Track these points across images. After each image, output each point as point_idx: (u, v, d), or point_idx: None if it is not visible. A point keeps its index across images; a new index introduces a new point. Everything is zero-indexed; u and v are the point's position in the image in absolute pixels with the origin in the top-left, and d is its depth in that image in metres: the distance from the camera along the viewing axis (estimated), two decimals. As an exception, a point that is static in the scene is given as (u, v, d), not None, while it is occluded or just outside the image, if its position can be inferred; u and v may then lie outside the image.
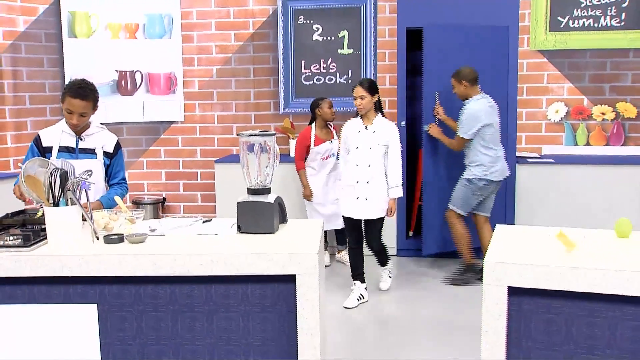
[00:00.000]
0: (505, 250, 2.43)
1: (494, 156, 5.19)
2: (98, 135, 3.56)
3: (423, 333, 4.40)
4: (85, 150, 3.50)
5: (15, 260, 2.42)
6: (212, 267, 2.39)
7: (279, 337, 2.47)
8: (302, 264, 2.37)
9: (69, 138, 3.49)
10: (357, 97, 4.78)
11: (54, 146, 3.47)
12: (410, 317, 4.69)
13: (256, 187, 2.71)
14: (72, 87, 3.38)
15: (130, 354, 2.52)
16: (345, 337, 4.34)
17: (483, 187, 5.20)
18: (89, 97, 3.40)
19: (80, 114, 3.38)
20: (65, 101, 3.37)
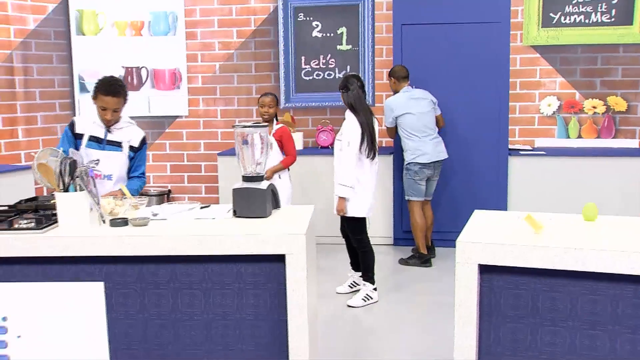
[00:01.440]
0: (477, 231, 2.63)
1: (419, 142, 5.63)
2: (126, 129, 3.79)
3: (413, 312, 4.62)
4: (112, 142, 3.74)
5: (29, 242, 2.64)
6: (209, 248, 2.60)
7: (270, 312, 2.68)
8: (291, 244, 2.57)
9: (99, 129, 3.73)
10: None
11: (85, 134, 3.71)
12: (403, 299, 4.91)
13: (250, 174, 2.92)
14: (103, 85, 3.61)
15: (134, 328, 2.73)
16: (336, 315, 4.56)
17: (418, 171, 5.65)
18: (120, 93, 3.62)
19: (113, 109, 3.62)
20: (98, 99, 3.61)
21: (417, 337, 4.25)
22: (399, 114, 5.66)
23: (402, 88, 5.73)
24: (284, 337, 2.68)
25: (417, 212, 5.69)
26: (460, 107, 6.04)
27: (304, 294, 2.60)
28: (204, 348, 2.72)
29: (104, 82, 3.67)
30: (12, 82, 6.03)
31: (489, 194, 6.05)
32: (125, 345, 2.74)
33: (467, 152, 6.09)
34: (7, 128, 6.01)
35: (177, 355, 2.73)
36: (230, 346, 2.72)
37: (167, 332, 2.73)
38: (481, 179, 6.12)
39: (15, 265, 2.71)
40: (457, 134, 6.06)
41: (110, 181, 3.72)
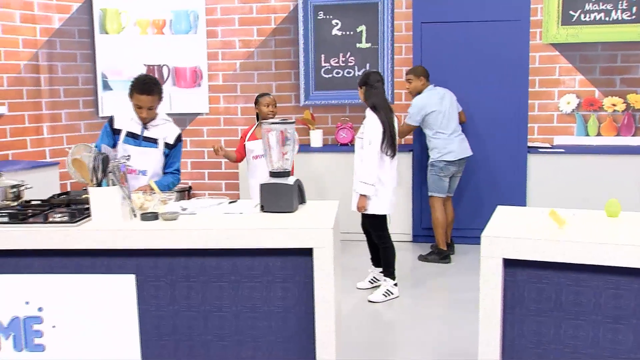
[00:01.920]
0: (502, 226, 2.68)
1: (446, 139, 5.70)
2: (163, 127, 3.88)
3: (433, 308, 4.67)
4: (149, 139, 3.83)
5: (64, 235, 2.72)
6: (238, 241, 2.66)
7: (297, 305, 2.74)
8: (319, 238, 2.63)
9: (136, 126, 3.82)
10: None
11: (123, 130, 3.81)
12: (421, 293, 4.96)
13: (277, 170, 2.98)
14: (138, 84, 3.71)
15: (164, 320, 2.80)
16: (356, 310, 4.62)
17: (444, 168, 5.72)
18: (154, 91, 3.72)
19: (148, 107, 3.71)
20: (134, 97, 3.71)
21: (437, 332, 4.30)
22: (428, 111, 5.68)
23: (424, 87, 5.78)
24: (311, 329, 2.74)
25: (439, 208, 5.75)
26: (480, 105, 6.07)
27: (331, 287, 2.66)
28: (233, 339, 2.79)
29: (139, 81, 3.77)
30: (37, 80, 6.13)
31: (508, 191, 6.08)
32: (156, 336, 2.81)
33: (487, 150, 6.12)
34: (32, 125, 6.12)
35: (206, 346, 2.80)
36: (258, 338, 2.78)
37: (196, 324, 2.80)
38: (500, 176, 6.14)
39: (50, 258, 2.79)
40: (476, 131, 6.09)
41: (145, 177, 3.81)
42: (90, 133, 6.53)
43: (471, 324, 4.27)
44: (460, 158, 5.74)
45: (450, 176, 5.78)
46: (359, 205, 4.73)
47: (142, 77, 3.84)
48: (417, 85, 5.81)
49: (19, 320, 2.82)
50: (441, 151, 5.69)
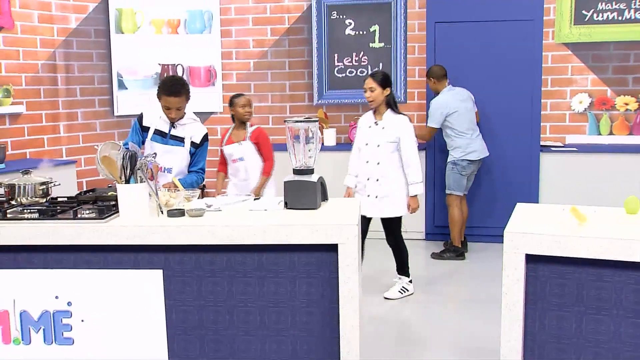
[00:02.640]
0: (524, 222, 2.72)
1: (469, 139, 5.75)
2: (190, 126, 3.95)
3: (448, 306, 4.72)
4: (176, 137, 3.90)
5: (93, 231, 2.78)
6: (264, 237, 2.72)
7: (322, 300, 2.79)
8: (344, 234, 2.68)
9: (164, 124, 3.90)
10: (367, 89, 4.63)
11: (151, 128, 3.88)
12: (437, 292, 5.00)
13: (301, 167, 3.03)
14: (166, 86, 3.78)
15: (191, 314, 2.86)
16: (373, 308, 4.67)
17: (466, 167, 5.78)
18: (182, 92, 3.78)
19: (176, 108, 3.78)
20: (162, 99, 3.78)
21: (456, 329, 4.34)
22: (449, 112, 5.72)
23: (443, 87, 5.83)
24: (335, 324, 2.79)
25: (457, 206, 5.81)
26: (493, 104, 6.12)
27: (355, 282, 2.71)
28: (258, 334, 2.84)
29: (166, 82, 3.84)
30: (54, 80, 6.20)
31: (521, 190, 6.12)
32: (182, 330, 2.87)
33: (499, 149, 6.16)
34: (49, 124, 6.19)
35: (232, 340, 2.85)
36: (282, 332, 2.83)
37: (222, 319, 2.85)
38: (513, 175, 6.18)
39: (79, 253, 2.84)
40: (489, 130, 6.12)
41: (170, 174, 3.87)
42: (105, 132, 6.60)
43: (489, 321, 4.34)
44: (480, 158, 5.79)
45: (468, 175, 5.82)
46: (414, 207, 4.74)
47: (169, 79, 3.91)
48: (431, 86, 5.89)
49: (49, 314, 2.88)
50: (465, 150, 5.73)
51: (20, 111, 5.87)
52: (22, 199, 3.02)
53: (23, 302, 2.88)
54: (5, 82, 5.74)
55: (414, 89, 6.66)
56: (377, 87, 4.59)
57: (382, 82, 4.61)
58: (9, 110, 5.75)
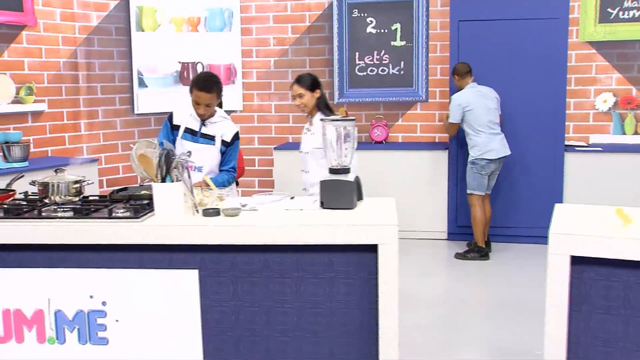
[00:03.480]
0: (568, 224, 2.68)
1: (487, 137, 5.71)
2: (220, 124, 3.91)
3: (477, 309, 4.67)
4: (206, 135, 3.86)
5: (128, 230, 2.75)
6: (303, 237, 2.68)
7: (360, 301, 2.75)
8: (385, 234, 2.64)
9: (194, 122, 3.85)
10: (295, 97, 4.18)
11: (182, 126, 3.84)
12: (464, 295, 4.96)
13: (337, 167, 2.99)
14: (199, 81, 3.73)
15: (227, 315, 2.82)
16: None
17: (485, 166, 5.73)
18: (213, 89, 3.74)
19: (206, 104, 3.74)
20: (193, 94, 3.74)
21: (482, 331, 4.30)
22: (467, 107, 5.71)
23: (467, 84, 5.80)
24: (373, 325, 2.75)
25: (479, 206, 5.76)
26: (517, 103, 6.06)
27: (395, 283, 2.67)
28: (294, 335, 2.80)
29: (200, 77, 3.80)
30: (76, 77, 6.19)
31: (544, 190, 6.07)
32: (217, 331, 2.83)
33: (523, 148, 6.11)
34: (70, 122, 6.17)
35: (267, 342, 2.82)
36: (319, 334, 2.80)
37: (258, 320, 2.81)
38: (536, 175, 6.13)
39: (113, 253, 2.82)
40: (513, 129, 6.07)
41: (201, 173, 3.83)
42: (125, 130, 6.58)
43: (518, 322, 4.30)
44: (500, 157, 5.74)
45: (489, 174, 5.77)
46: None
47: (203, 74, 3.87)
48: (457, 83, 5.88)
49: (84, 313, 2.85)
50: (482, 149, 5.69)
51: (42, 109, 5.86)
52: (55, 198, 2.99)
53: (58, 301, 2.86)
54: (28, 80, 5.73)
55: (435, 88, 6.61)
56: (306, 91, 4.12)
57: (310, 86, 4.18)
58: (31, 108, 5.74)
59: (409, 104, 6.69)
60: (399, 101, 6.65)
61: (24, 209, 2.98)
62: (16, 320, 2.89)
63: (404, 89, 6.62)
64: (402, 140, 6.76)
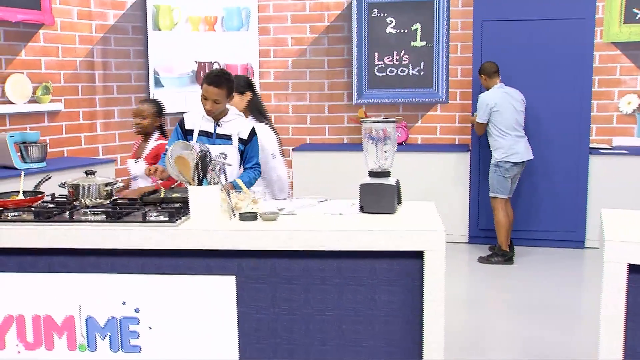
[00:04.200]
0: (622, 230, 2.58)
1: (512, 140, 5.61)
2: (234, 122, 3.79)
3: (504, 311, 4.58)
4: (222, 135, 3.74)
5: (163, 234, 2.65)
6: (346, 243, 2.58)
7: (403, 309, 2.66)
8: (432, 241, 2.55)
9: (208, 124, 3.73)
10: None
11: (195, 130, 3.72)
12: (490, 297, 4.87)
13: (377, 170, 2.90)
14: (209, 75, 3.61)
15: (264, 323, 2.73)
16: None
17: (509, 169, 5.63)
18: (223, 86, 3.60)
19: (213, 100, 3.60)
20: (202, 88, 3.62)
21: (511, 336, 4.21)
22: (494, 108, 5.61)
23: (494, 85, 5.70)
24: (417, 334, 2.66)
25: (502, 209, 5.66)
26: (541, 104, 5.96)
27: (441, 291, 2.57)
28: (334, 344, 2.71)
29: (212, 72, 3.68)
30: (92, 77, 6.10)
31: (568, 193, 5.98)
32: (255, 339, 2.74)
33: (546, 150, 6.00)
34: (86, 122, 6.09)
35: (306, 351, 2.72)
36: (360, 343, 2.70)
37: (297, 328, 2.72)
38: (560, 178, 6.03)
39: (147, 258, 2.73)
40: (536, 131, 5.96)
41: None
42: (141, 130, 6.49)
43: (545, 327, 4.23)
44: (524, 160, 5.64)
45: (512, 177, 5.67)
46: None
47: (216, 70, 3.75)
48: (482, 82, 5.79)
49: (116, 320, 2.76)
50: (507, 152, 5.60)
51: (58, 109, 5.77)
52: (86, 201, 2.90)
53: (89, 307, 2.77)
54: (44, 80, 5.64)
55: (456, 89, 6.51)
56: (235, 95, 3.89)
57: (241, 88, 4.03)
58: (47, 107, 5.66)
59: (429, 105, 6.59)
60: (418, 102, 6.55)
61: (54, 212, 2.90)
62: (46, 326, 2.80)
63: (423, 90, 6.53)
64: (421, 142, 6.66)
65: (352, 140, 6.76)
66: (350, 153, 6.26)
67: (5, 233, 2.73)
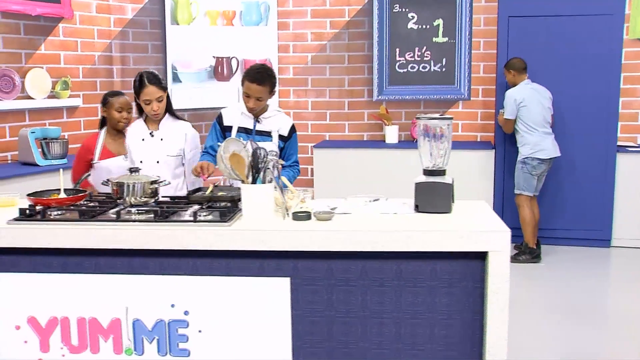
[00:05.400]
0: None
1: (539, 136, 5.53)
2: (274, 118, 3.70)
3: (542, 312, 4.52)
4: (262, 132, 3.64)
5: (216, 235, 2.56)
6: (408, 244, 2.50)
7: (463, 311, 2.58)
8: (495, 241, 2.47)
9: (247, 120, 3.63)
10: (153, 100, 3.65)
11: (234, 126, 3.62)
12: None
13: (432, 168, 2.81)
14: (251, 72, 3.52)
15: (319, 326, 2.64)
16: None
17: (537, 166, 5.54)
18: (266, 82, 3.51)
19: (256, 97, 3.51)
20: (244, 85, 3.52)
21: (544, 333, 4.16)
22: (522, 104, 5.52)
23: (521, 81, 5.62)
24: (477, 337, 2.58)
25: (527, 206, 5.60)
26: (567, 101, 5.88)
27: (506, 293, 2.49)
28: (392, 348, 2.63)
29: (252, 68, 3.59)
30: (110, 72, 5.99)
31: (595, 191, 5.91)
32: (309, 343, 2.65)
33: (573, 148, 5.93)
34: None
35: (363, 355, 2.64)
36: (418, 346, 2.62)
37: (353, 331, 2.63)
38: (586, 175, 5.96)
39: (197, 259, 2.63)
40: (563, 129, 5.89)
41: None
42: (159, 126, 6.38)
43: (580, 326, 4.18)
44: (552, 157, 5.56)
45: (539, 174, 5.59)
46: None
47: (257, 66, 3.65)
48: (509, 78, 5.69)
49: (164, 323, 2.67)
50: (534, 148, 5.52)
51: (77, 104, 5.66)
52: (130, 199, 2.80)
53: (136, 310, 2.68)
54: (63, 74, 5.53)
55: (478, 86, 6.43)
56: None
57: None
58: (66, 103, 5.55)
59: (451, 102, 6.50)
60: (440, 99, 6.46)
61: (98, 210, 2.80)
62: (92, 329, 2.71)
63: (445, 87, 6.44)
64: (442, 139, 6.55)
65: (372, 137, 6.67)
66: (371, 150, 6.18)
67: (49, 233, 2.64)
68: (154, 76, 3.66)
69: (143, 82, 3.63)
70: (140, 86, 3.64)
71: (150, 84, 3.61)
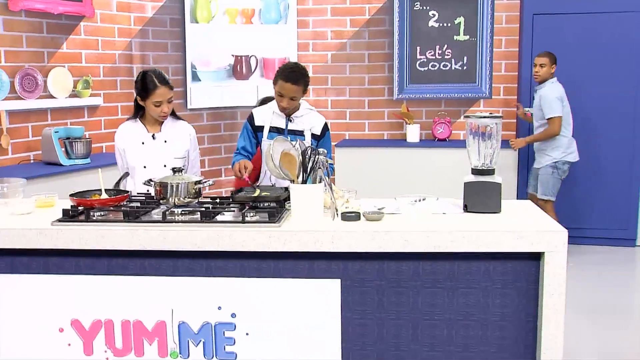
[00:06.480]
0: None
1: (570, 139, 5.41)
2: (307, 117, 3.64)
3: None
4: (294, 131, 3.58)
5: (265, 236, 2.51)
6: (463, 244, 2.45)
7: (516, 313, 2.53)
8: (552, 241, 2.42)
9: (279, 119, 3.58)
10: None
11: (265, 126, 3.57)
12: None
13: (481, 167, 2.77)
14: (285, 71, 3.47)
15: (369, 328, 2.59)
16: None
17: (567, 170, 5.42)
18: (300, 81, 3.47)
19: (290, 97, 3.46)
20: (278, 84, 3.46)
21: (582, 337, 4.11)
22: (563, 103, 5.36)
23: (551, 77, 5.45)
24: (531, 340, 2.54)
25: (554, 213, 5.38)
26: (593, 101, 5.83)
27: (562, 295, 2.45)
28: (444, 350, 2.58)
29: (286, 67, 3.54)
30: (130, 70, 5.94)
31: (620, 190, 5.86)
32: (359, 346, 2.61)
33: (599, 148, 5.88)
34: (125, 117, 5.87)
35: (414, 357, 2.60)
36: (470, 348, 2.58)
37: (404, 333, 2.59)
38: (610, 176, 5.91)
39: (245, 260, 2.59)
40: (589, 127, 5.83)
41: None
42: (178, 126, 6.33)
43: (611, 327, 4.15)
44: (576, 161, 5.47)
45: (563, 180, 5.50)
46: None
47: (290, 64, 3.61)
48: (544, 72, 5.43)
49: (210, 326, 2.63)
50: (566, 151, 5.41)
51: (98, 103, 5.61)
52: (174, 199, 2.76)
53: (182, 312, 2.63)
54: (84, 73, 5.48)
55: (499, 84, 6.38)
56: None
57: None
58: (87, 102, 5.50)
59: (472, 101, 6.45)
60: (461, 98, 6.41)
61: (141, 212, 2.75)
62: (136, 332, 2.66)
63: (466, 85, 6.39)
64: (464, 138, 6.50)
65: (393, 136, 6.62)
66: (393, 149, 6.13)
67: (93, 234, 2.59)
68: (162, 76, 3.47)
69: (155, 83, 3.40)
70: (152, 87, 3.40)
71: (162, 85, 3.41)
